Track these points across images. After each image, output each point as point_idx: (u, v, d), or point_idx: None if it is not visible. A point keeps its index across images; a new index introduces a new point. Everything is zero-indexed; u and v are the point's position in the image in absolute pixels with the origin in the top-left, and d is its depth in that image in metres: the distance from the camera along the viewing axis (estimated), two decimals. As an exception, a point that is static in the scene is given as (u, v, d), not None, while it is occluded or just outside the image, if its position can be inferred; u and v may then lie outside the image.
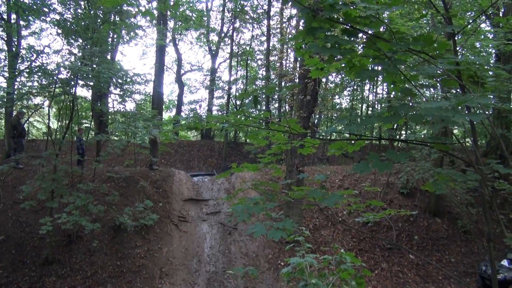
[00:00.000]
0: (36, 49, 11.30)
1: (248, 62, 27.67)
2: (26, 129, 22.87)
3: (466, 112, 2.28)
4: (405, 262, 11.12)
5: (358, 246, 11.46)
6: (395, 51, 2.52)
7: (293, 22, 21.98)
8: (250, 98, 2.84)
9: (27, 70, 10.86)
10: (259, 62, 27.96)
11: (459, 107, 2.48)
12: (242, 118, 3.24)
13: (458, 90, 2.77)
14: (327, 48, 2.43)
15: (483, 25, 17.33)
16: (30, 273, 9.49)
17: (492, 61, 14.62)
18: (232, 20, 26.34)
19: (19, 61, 12.13)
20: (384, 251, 11.37)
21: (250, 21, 26.51)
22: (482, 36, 16.01)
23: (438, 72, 2.55)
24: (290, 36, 20.85)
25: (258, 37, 27.62)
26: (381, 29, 2.94)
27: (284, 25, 22.73)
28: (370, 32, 2.60)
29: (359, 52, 2.82)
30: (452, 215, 12.75)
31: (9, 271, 9.43)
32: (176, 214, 12.06)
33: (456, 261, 11.36)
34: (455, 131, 19.75)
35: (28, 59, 11.45)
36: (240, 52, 27.30)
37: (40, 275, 9.49)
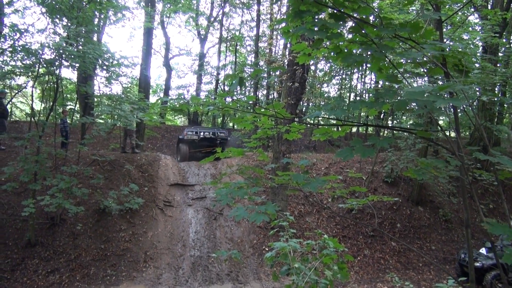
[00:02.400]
0: (20, 28, 10.97)
1: (237, 47, 27.46)
2: (9, 110, 22.38)
3: (450, 98, 2.30)
4: (387, 249, 11.35)
5: (342, 233, 11.63)
6: (382, 37, 2.51)
7: (283, 9, 21.80)
8: (235, 81, 2.82)
9: (10, 49, 10.55)
10: (248, 48, 27.80)
11: (443, 94, 2.50)
12: (230, 103, 3.22)
13: (444, 79, 2.80)
14: (314, 31, 2.41)
15: (471, 17, 17.47)
16: (12, 255, 9.40)
17: (479, 54, 14.79)
18: (222, 4, 26.04)
19: (1, 39, 11.78)
20: (367, 238, 11.57)
21: (240, 6, 26.22)
22: (470, 28, 16.16)
23: (424, 58, 2.56)
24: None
25: (247, 22, 27.40)
26: (370, 18, 2.93)
27: (274, 11, 22.54)
28: (357, 17, 2.58)
29: (347, 38, 2.81)
30: (434, 204, 13.01)
31: (-9, 253, 9.33)
32: (162, 198, 12.04)
33: (436, 249, 11.64)
34: (441, 122, 20.02)
35: (11, 37, 11.11)
36: (229, 37, 27.04)
37: (23, 257, 9.41)
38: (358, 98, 23.81)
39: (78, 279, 9.17)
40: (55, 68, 10.44)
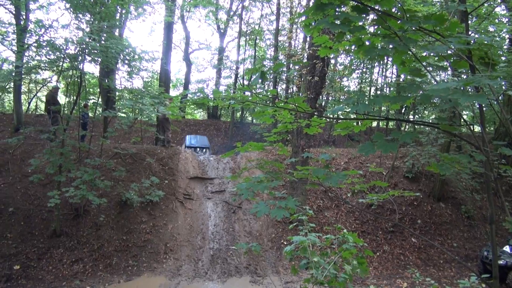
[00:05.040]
0: (44, 24, 11.23)
1: (257, 41, 27.39)
2: (35, 104, 23.03)
3: (475, 93, 2.26)
4: (407, 246, 11.21)
5: (361, 228, 11.55)
6: (406, 29, 2.48)
7: (304, 2, 21.58)
8: (257, 75, 2.83)
9: (35, 45, 10.84)
10: (268, 42, 27.70)
11: (468, 89, 2.45)
12: (249, 97, 3.24)
13: (469, 72, 2.73)
14: (337, 25, 2.39)
15: (498, 9, 16.93)
16: (39, 245, 9.72)
17: (505, 47, 14.34)
18: (242, -2, 25.97)
19: (27, 35, 12.10)
20: (387, 234, 11.45)
21: (260, -1, 26.10)
22: (497, 21, 15.67)
23: (449, 52, 2.51)
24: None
25: (267, 16, 27.27)
26: (393, 10, 2.89)
27: (294, 4, 22.36)
28: (380, 9, 2.55)
29: (369, 31, 2.78)
30: (456, 200, 12.75)
31: (18, 242, 9.66)
32: (182, 191, 12.19)
33: (458, 246, 11.43)
34: (464, 117, 19.56)
35: (36, 33, 11.41)
36: (248, 31, 26.98)
37: (48, 246, 9.72)
38: (379, 92, 23.43)
39: (101, 269, 9.42)
40: (78, 62, 10.67)
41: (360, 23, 2.48)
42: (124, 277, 9.23)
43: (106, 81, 11.61)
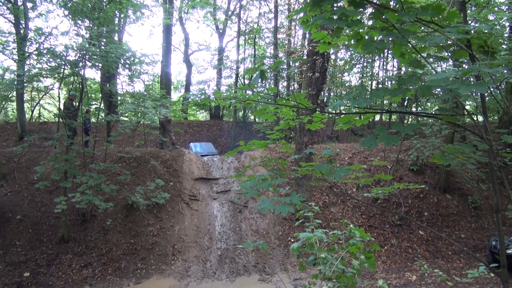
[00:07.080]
0: (44, 31, 11.29)
1: (256, 40, 27.35)
2: (38, 111, 23.13)
3: (475, 82, 2.25)
4: (414, 238, 11.18)
5: (367, 222, 11.53)
6: (404, 21, 2.47)
7: (301, -2, 21.54)
8: (257, 74, 2.83)
9: (36, 52, 10.90)
10: (267, 40, 27.66)
11: (468, 78, 2.44)
12: (250, 94, 3.24)
13: (470, 62, 2.72)
14: (333, 20, 2.39)
15: (497, -3, 16.82)
16: (47, 251, 9.79)
17: (506, 34, 14.25)
18: (239, -3, 25.95)
19: (28, 43, 12.17)
20: (394, 227, 11.43)
21: (258, -2, 26.07)
22: (496, 9, 15.58)
23: (448, 42, 2.50)
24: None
25: (265, 14, 27.23)
26: (391, 3, 2.88)
27: (291, 1, 22.32)
28: (377, 2, 2.55)
29: (367, 24, 2.77)
30: (463, 191, 12.70)
31: (27, 249, 9.73)
32: (187, 193, 12.22)
33: (466, 237, 11.39)
34: (467, 107, 19.46)
35: (36, 41, 11.47)
36: (247, 30, 26.96)
37: (57, 252, 9.78)
38: (380, 86, 23.35)
39: (110, 273, 9.47)
40: (79, 68, 10.71)
41: (358, 17, 2.47)
42: (134, 280, 9.27)
43: (108, 86, 11.64)
